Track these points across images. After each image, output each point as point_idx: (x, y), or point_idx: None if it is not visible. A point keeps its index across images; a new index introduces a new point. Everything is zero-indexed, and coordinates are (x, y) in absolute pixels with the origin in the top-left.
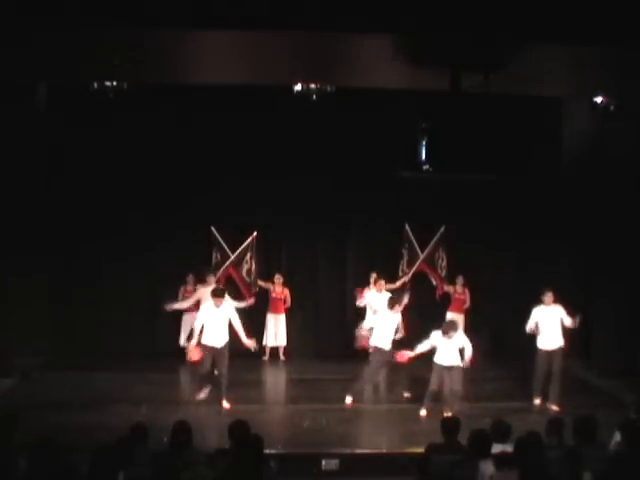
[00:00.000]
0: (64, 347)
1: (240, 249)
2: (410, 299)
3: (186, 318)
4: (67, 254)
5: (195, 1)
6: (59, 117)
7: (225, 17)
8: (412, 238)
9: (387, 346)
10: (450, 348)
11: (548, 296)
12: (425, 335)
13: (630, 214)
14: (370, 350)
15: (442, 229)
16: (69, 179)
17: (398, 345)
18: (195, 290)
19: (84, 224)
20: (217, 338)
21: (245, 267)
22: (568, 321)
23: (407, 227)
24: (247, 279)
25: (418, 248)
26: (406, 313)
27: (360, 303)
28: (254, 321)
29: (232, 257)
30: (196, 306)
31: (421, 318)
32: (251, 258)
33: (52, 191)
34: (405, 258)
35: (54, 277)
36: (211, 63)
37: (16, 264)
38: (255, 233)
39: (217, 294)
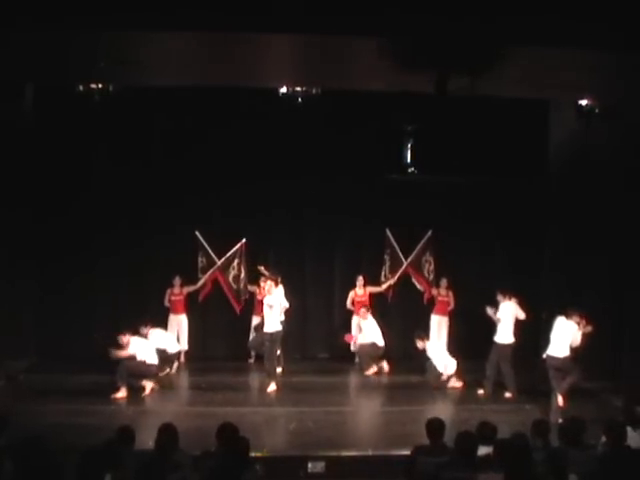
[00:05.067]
0: (51, 349)
1: (228, 255)
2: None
3: (172, 320)
4: (54, 257)
5: (181, 2)
6: (46, 118)
7: (211, 19)
8: (394, 243)
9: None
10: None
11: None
12: (407, 338)
13: (616, 216)
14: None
15: (429, 233)
16: (55, 181)
17: None
18: (182, 293)
19: (71, 228)
20: None
21: (232, 273)
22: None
23: (388, 232)
24: (234, 285)
25: (401, 253)
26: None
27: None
28: (240, 323)
29: (218, 263)
30: (183, 307)
31: (404, 320)
32: (239, 265)
33: (38, 194)
34: (387, 264)
35: (41, 279)
36: (196, 65)
37: (2, 267)
38: (244, 240)
39: None
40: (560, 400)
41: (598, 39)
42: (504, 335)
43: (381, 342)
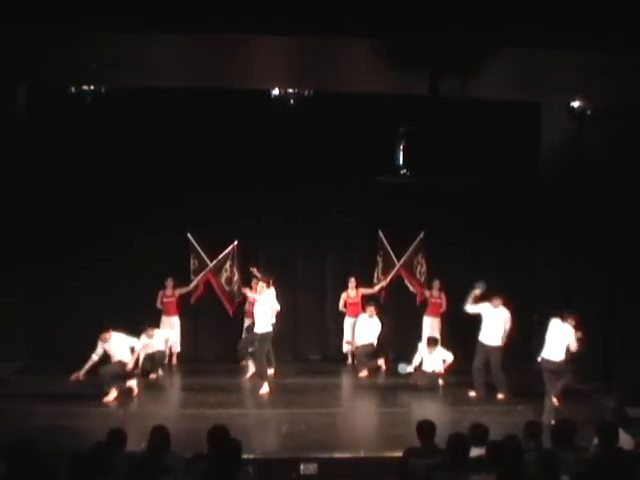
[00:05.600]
0: (42, 351)
1: (220, 257)
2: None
3: (164, 322)
4: (46, 259)
5: (173, 4)
6: (38, 120)
7: (202, 20)
8: (386, 245)
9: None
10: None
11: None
12: (400, 339)
13: (608, 217)
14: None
15: (421, 235)
16: (46, 183)
17: None
18: (174, 295)
19: (63, 230)
20: None
21: (225, 275)
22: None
23: (381, 234)
24: (226, 287)
25: (393, 255)
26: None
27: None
28: (232, 325)
29: (210, 265)
30: (175, 309)
31: (397, 322)
32: (231, 267)
33: (30, 196)
34: (380, 265)
35: (32, 281)
36: (188, 67)
37: None
38: (236, 242)
39: None
40: (555, 401)
41: (591, 41)
42: (494, 337)
43: (375, 341)
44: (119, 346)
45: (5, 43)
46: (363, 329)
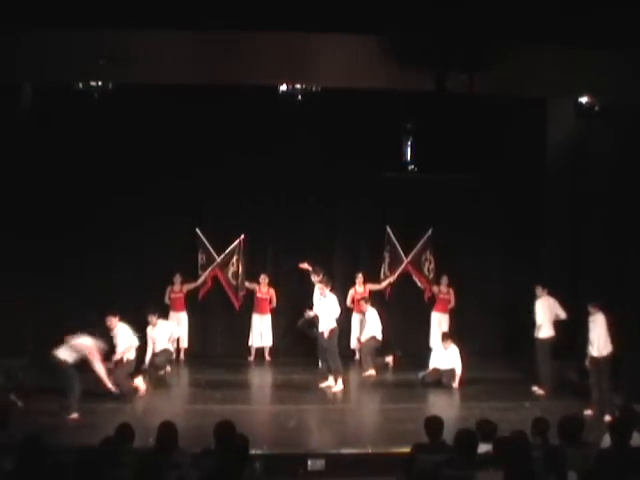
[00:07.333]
0: (49, 347)
1: (227, 251)
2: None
3: (172, 317)
4: (52, 253)
5: (178, 0)
6: (44, 116)
7: (209, 17)
8: (394, 240)
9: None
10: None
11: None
12: (408, 335)
13: (614, 213)
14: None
15: (430, 232)
16: (54, 180)
17: None
18: (182, 290)
19: (68, 224)
20: None
21: (231, 269)
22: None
23: (389, 230)
24: (233, 282)
25: (401, 250)
26: None
27: None
28: (240, 321)
29: (218, 259)
30: (183, 305)
31: (405, 318)
32: (238, 261)
33: (36, 192)
34: (387, 261)
35: (38, 276)
36: (195, 63)
37: (0, 263)
38: (243, 236)
39: None
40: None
41: (597, 37)
42: (540, 330)
43: (380, 335)
44: (123, 337)
45: (7, 40)
46: (363, 326)
